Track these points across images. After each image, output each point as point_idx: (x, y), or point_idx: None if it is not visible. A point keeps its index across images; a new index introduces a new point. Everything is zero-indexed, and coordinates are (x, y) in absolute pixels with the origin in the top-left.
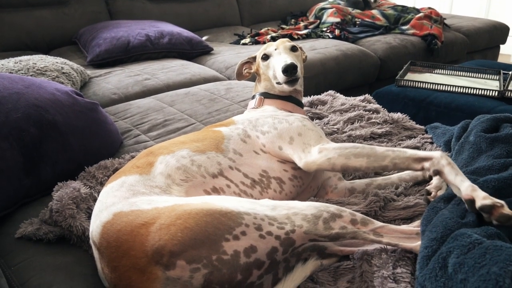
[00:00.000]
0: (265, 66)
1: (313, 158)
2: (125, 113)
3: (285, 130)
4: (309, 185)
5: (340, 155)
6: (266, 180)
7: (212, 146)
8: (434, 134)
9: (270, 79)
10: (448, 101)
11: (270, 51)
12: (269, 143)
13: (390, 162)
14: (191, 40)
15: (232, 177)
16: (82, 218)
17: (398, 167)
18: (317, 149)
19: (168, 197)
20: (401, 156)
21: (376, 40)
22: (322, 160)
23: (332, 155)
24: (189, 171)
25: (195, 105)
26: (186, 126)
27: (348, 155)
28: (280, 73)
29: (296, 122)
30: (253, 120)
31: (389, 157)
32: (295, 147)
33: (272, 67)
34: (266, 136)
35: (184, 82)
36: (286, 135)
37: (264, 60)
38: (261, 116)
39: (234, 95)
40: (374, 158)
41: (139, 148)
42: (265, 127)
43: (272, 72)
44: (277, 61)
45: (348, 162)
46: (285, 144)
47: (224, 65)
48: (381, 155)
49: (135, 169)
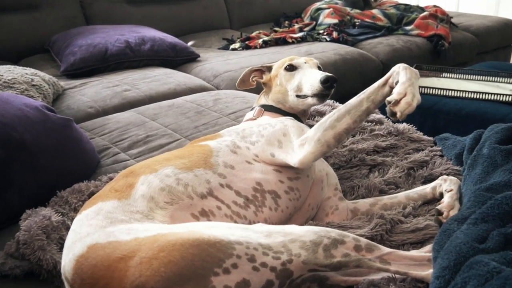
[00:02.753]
0: (287, 76)
1: (303, 151)
2: (103, 129)
3: (271, 135)
4: (307, 202)
5: (325, 130)
6: (260, 196)
7: (199, 162)
8: (444, 146)
9: (286, 91)
10: (458, 108)
11: (299, 63)
12: (261, 152)
13: (367, 101)
14: (175, 46)
15: (223, 197)
16: (53, 250)
17: (376, 101)
18: (298, 143)
19: (150, 224)
20: (372, 91)
21: (377, 43)
22: (312, 147)
23: (318, 135)
24: (175, 192)
25: (180, 119)
26: (170, 142)
27: (331, 125)
28: (316, 83)
29: (279, 124)
30: (240, 131)
31: (364, 99)
32: (285, 150)
33: (299, 78)
34: (256, 146)
35: (168, 93)
36: (273, 139)
37: (288, 71)
38: (247, 127)
39: (223, 106)
40: (354, 110)
41: (118, 168)
42: (253, 137)
43: (297, 83)
44: (311, 73)
45: (337, 130)
46: (276, 150)
47: (212, 73)
48: (357, 102)
49: (113, 193)
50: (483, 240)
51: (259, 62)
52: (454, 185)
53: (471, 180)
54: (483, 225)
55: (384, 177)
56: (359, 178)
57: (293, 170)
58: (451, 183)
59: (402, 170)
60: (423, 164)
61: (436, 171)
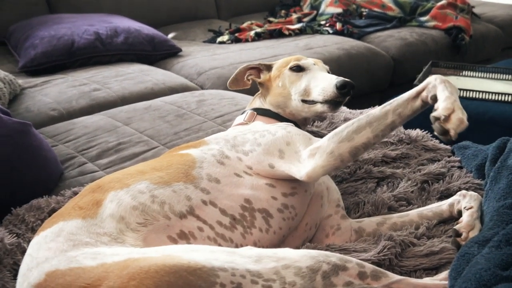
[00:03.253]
0: (293, 77)
1: (312, 163)
2: (68, 134)
3: (270, 143)
4: (304, 221)
5: (341, 142)
6: (249, 215)
7: (179, 175)
8: (463, 156)
9: (289, 95)
10: (480, 112)
11: (307, 64)
12: (256, 163)
13: (394, 115)
14: (153, 38)
15: (205, 216)
16: (6, 277)
17: (404, 115)
18: (307, 153)
19: (120, 248)
20: (400, 103)
21: (388, 36)
22: (324, 159)
23: (332, 147)
24: (149, 211)
25: (158, 123)
26: (146, 150)
27: (348, 136)
28: (330, 88)
29: (280, 131)
30: (230, 139)
31: (389, 111)
32: (289, 160)
33: (307, 81)
34: (250, 156)
35: (144, 93)
36: (273, 148)
37: (294, 71)
38: (240, 133)
39: (208, 109)
40: (376, 122)
41: (84, 181)
42: (247, 146)
43: (304, 86)
44: (323, 76)
45: (354, 143)
46: (276, 160)
47: (195, 70)
48: (381, 114)
49: (77, 211)
50: (507, 266)
51: (251, 57)
52: (474, 202)
53: (494, 196)
54: (507, 249)
55: (394, 192)
56: (365, 193)
57: (289, 184)
58: (471, 199)
59: (415, 183)
60: (439, 177)
61: (454, 185)
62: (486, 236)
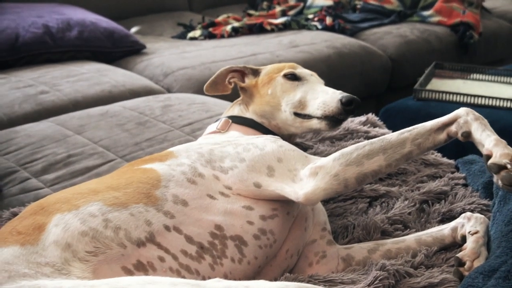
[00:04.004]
0: (287, 86)
1: (313, 184)
2: (8, 145)
3: (257, 159)
4: (285, 247)
5: (348, 165)
6: (220, 243)
7: (139, 195)
8: (469, 173)
9: (279, 105)
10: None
11: (304, 74)
12: (238, 182)
13: (412, 144)
14: (112, 33)
15: (168, 244)
16: None
17: (423, 147)
18: (308, 172)
19: (64, 280)
20: (422, 132)
21: (385, 32)
22: (327, 181)
23: (337, 169)
24: (101, 238)
25: (116, 132)
26: (101, 164)
27: (358, 160)
28: (332, 103)
29: (269, 145)
30: (205, 152)
31: (408, 140)
32: (280, 179)
33: (303, 92)
34: (230, 174)
35: (100, 97)
36: (260, 165)
37: (289, 80)
38: (217, 146)
39: (175, 116)
40: (391, 150)
41: (26, 199)
42: (227, 162)
43: (299, 98)
44: (324, 89)
45: (363, 169)
46: (264, 178)
47: (162, 70)
48: (397, 141)
49: (14, 237)
50: None
51: (227, 56)
52: (480, 226)
53: (503, 219)
54: None
55: (389, 213)
56: (355, 214)
57: (269, 205)
58: (477, 222)
59: (413, 204)
60: (440, 197)
61: (458, 206)
62: (493, 265)
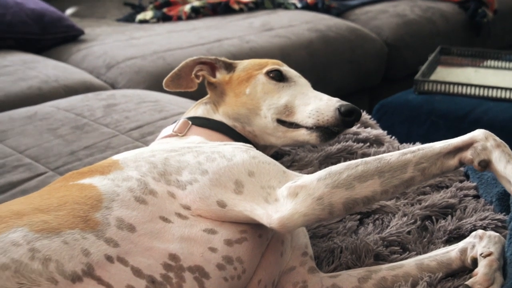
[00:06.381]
0: (270, 87)
1: (290, 207)
2: None
3: (222, 171)
4: (256, 277)
5: (336, 187)
6: (175, 276)
7: (75, 219)
8: (481, 181)
9: (258, 108)
10: (508, 118)
11: (291, 74)
12: (199, 200)
13: (415, 169)
14: (42, 16)
15: (110, 279)
16: None
17: (429, 174)
18: (286, 192)
19: None
20: (428, 155)
21: (380, 11)
22: (309, 205)
23: (322, 191)
24: (26, 272)
25: (47, 139)
26: (28, 178)
27: (348, 182)
28: (329, 111)
29: (239, 154)
30: (159, 162)
31: (410, 163)
32: (250, 197)
33: (291, 95)
34: (189, 190)
35: (26, 96)
36: (226, 179)
37: (272, 79)
38: (173, 154)
39: (121, 117)
40: (390, 173)
41: None
42: (185, 174)
43: (285, 102)
44: (316, 95)
45: (353, 194)
46: (230, 196)
47: (104, 61)
48: (398, 164)
49: None
50: None
51: (185, 42)
52: (494, 246)
53: None
54: None
55: (383, 233)
56: (343, 235)
57: (236, 227)
58: (490, 242)
59: (413, 221)
60: (446, 211)
61: (467, 223)
62: None
